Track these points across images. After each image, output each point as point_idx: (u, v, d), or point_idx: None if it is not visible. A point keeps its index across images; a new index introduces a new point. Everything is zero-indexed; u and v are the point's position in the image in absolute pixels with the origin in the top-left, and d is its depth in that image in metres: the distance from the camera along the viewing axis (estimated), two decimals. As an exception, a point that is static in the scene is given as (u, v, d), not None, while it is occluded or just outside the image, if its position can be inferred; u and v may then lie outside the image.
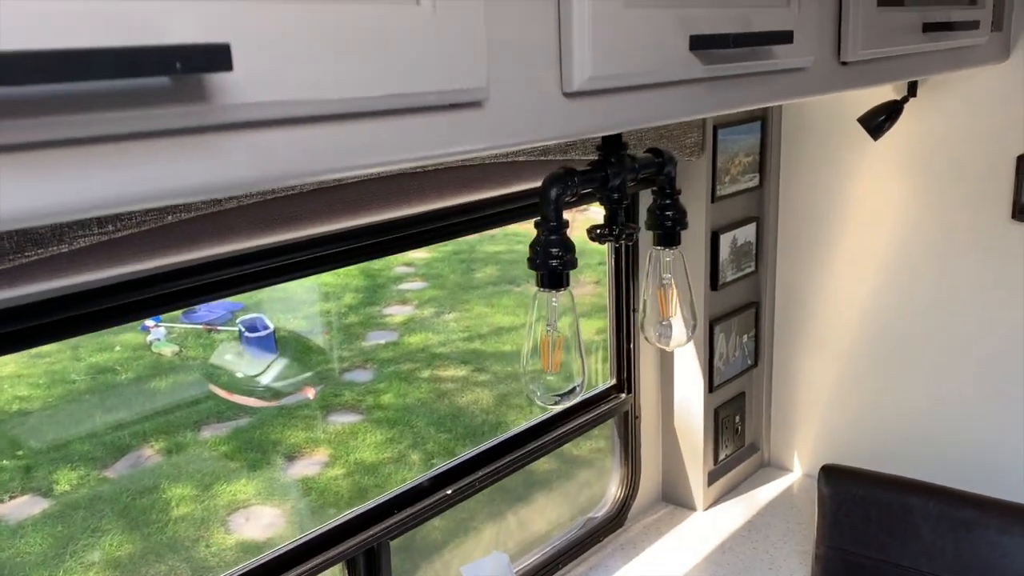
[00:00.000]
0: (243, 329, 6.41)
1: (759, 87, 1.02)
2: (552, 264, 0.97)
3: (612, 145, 1.07)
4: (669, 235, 1.17)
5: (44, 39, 0.41)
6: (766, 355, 2.34)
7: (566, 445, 2.01)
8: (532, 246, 0.98)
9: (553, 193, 0.98)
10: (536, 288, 0.99)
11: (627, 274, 2.03)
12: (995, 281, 1.91)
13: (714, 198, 2.04)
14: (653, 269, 1.20)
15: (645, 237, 1.52)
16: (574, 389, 1.01)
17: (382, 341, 6.95)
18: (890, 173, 2.03)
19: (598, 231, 1.09)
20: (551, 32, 0.75)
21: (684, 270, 1.20)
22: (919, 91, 1.93)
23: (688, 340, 1.21)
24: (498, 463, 1.76)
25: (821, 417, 2.29)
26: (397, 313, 7.33)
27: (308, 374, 6.22)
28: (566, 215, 1.00)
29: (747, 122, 2.10)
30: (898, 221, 2.03)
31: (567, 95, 0.77)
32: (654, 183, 1.19)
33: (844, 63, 1.21)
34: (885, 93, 1.96)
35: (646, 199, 1.99)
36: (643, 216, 1.26)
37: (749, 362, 2.30)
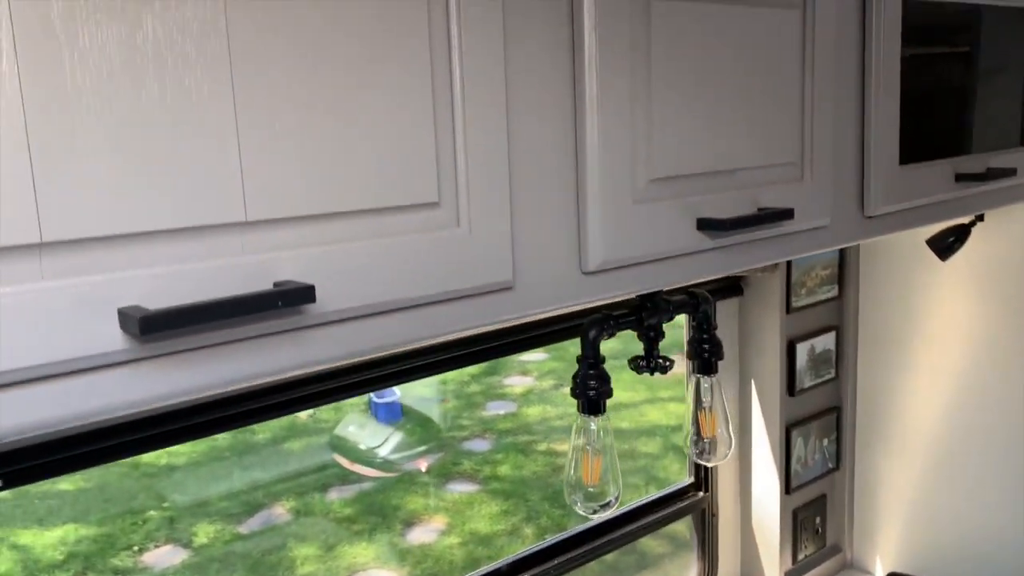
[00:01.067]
0: (372, 395, 6.81)
1: (774, 247, 1.20)
2: (590, 394, 1.17)
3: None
4: (706, 364, 1.35)
5: (195, 293, 0.67)
6: (848, 458, 2.41)
7: (645, 537, 2.16)
8: (573, 378, 1.18)
9: (592, 334, 1.19)
10: (578, 413, 1.19)
11: (704, 378, 2.18)
12: (1070, 401, 1.95)
13: (789, 309, 2.18)
14: (694, 393, 1.38)
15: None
16: (609, 502, 1.19)
17: (501, 412, 7.16)
18: (962, 292, 2.11)
19: (638, 362, 1.28)
20: (571, 229, 0.97)
21: (721, 395, 1.37)
22: (987, 215, 2.02)
23: (726, 457, 1.37)
24: (575, 552, 1.93)
25: (905, 520, 2.33)
26: (517, 384, 7.56)
27: (424, 447, 6.51)
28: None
29: (824, 238, 2.24)
30: (972, 337, 2.10)
31: (585, 273, 0.99)
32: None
33: (869, 217, 1.37)
34: (957, 215, 2.06)
35: (728, 308, 2.15)
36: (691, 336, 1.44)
37: (830, 465, 2.38)
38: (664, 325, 1.29)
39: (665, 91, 1.02)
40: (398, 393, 7.01)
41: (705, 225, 1.06)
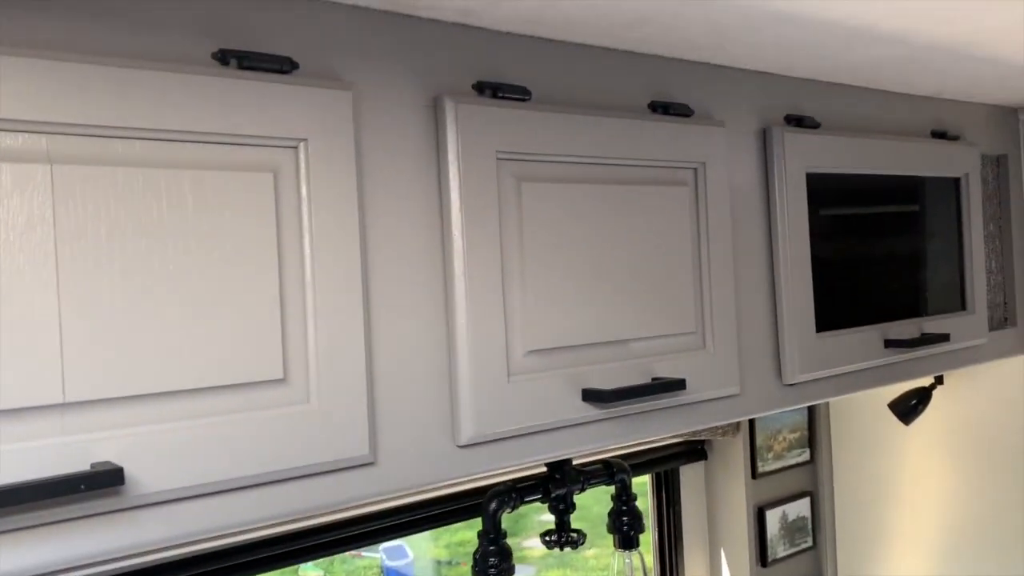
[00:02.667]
0: (384, 556, 6.59)
1: (678, 417, 1.19)
2: (490, 572, 1.13)
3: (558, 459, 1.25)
4: (627, 539, 1.30)
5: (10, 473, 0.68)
6: (833, 636, 2.27)
7: None
8: (473, 555, 1.15)
9: (492, 507, 1.16)
10: (480, 590, 1.15)
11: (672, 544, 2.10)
12: (1052, 575, 1.84)
13: (755, 474, 2.12)
14: (618, 567, 1.33)
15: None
16: None
17: (520, 576, 6.86)
18: (933, 457, 2.04)
19: (548, 537, 1.24)
20: (443, 403, 0.97)
21: (643, 569, 1.31)
22: (947, 378, 1.99)
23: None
24: None
25: None
26: (536, 547, 7.28)
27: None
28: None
29: (790, 400, 2.21)
30: (947, 511, 2.02)
31: (460, 447, 0.98)
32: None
33: (789, 384, 1.35)
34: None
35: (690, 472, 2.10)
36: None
37: (815, 641, 2.24)
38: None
39: (541, 267, 1.04)
40: (410, 555, 6.79)
41: (590, 396, 1.06)
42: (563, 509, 1.24)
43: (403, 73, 0.96)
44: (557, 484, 1.24)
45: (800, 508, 2.23)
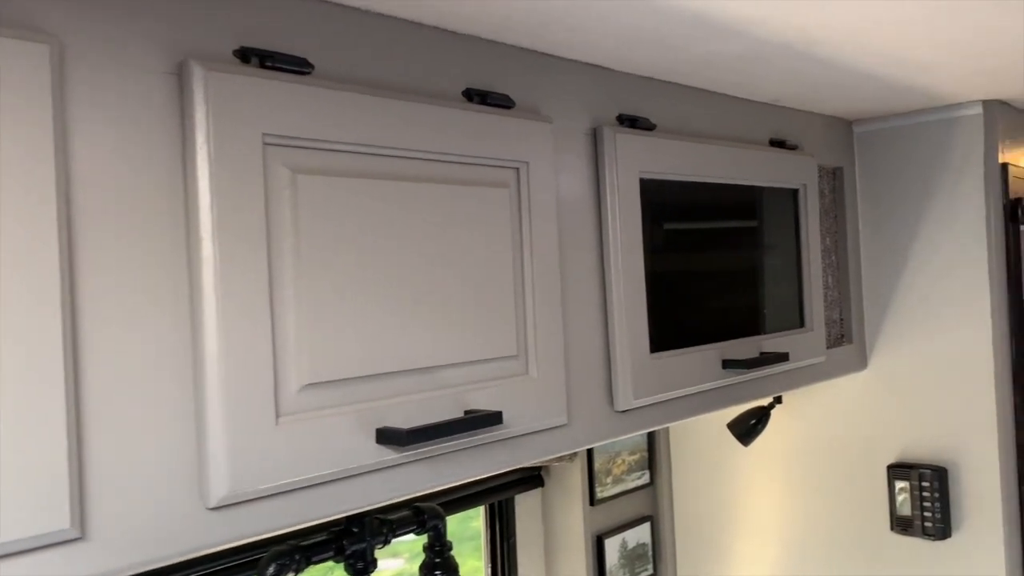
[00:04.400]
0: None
1: (497, 454, 1.02)
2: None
3: (358, 509, 1.05)
4: (441, 597, 1.12)
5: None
6: (673, 666, 2.17)
7: None
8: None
9: (271, 572, 0.95)
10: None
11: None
12: (885, 596, 1.80)
13: (594, 500, 1.99)
14: (431, 628, 1.14)
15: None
16: None
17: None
18: (772, 477, 1.99)
19: (345, 601, 1.05)
20: (189, 456, 0.76)
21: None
22: (785, 397, 1.93)
23: None
24: None
25: None
26: (385, 568, 7.00)
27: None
28: None
29: (630, 420, 2.10)
30: (787, 530, 1.96)
31: (211, 510, 0.77)
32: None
33: (622, 411, 1.22)
34: (757, 396, 1.97)
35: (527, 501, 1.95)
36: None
37: (655, 674, 2.13)
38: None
39: (325, 281, 0.85)
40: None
41: (386, 437, 0.87)
42: (362, 568, 1.04)
43: (140, 33, 0.75)
44: (354, 539, 1.05)
45: (640, 534, 2.13)
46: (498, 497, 1.91)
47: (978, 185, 1.67)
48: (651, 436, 2.15)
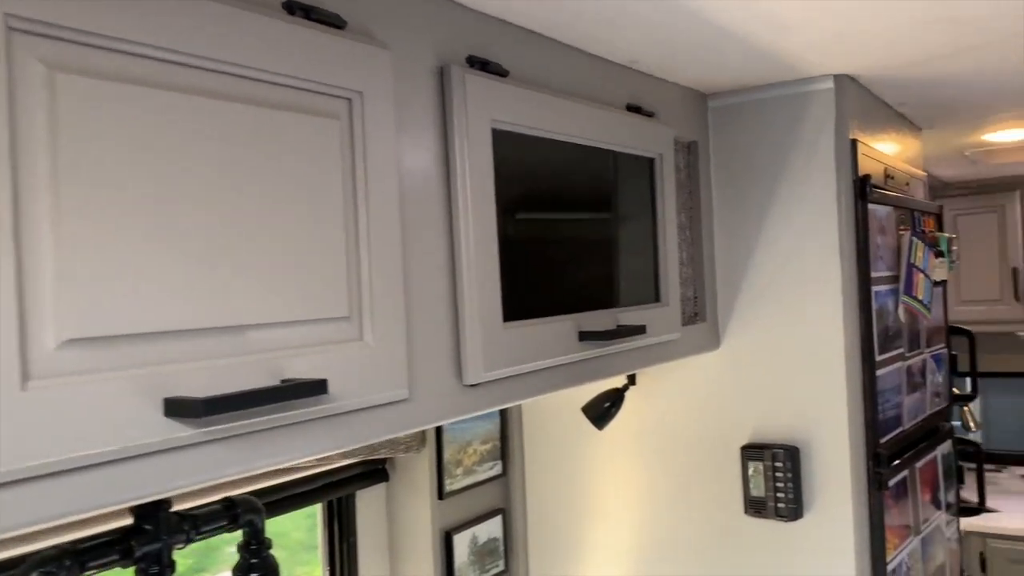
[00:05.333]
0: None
1: (317, 434, 0.87)
2: None
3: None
4: (258, 604, 0.95)
5: None
6: (526, 665, 2.07)
7: None
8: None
9: (32, 583, 0.76)
10: None
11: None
12: (734, 573, 1.77)
13: (442, 494, 1.86)
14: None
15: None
16: None
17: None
18: (627, 463, 1.92)
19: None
20: None
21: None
22: (638, 378, 1.87)
23: None
24: None
25: None
26: (222, 580, 6.58)
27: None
28: None
29: (481, 408, 1.98)
30: (641, 517, 1.90)
31: (-76, 501, 0.58)
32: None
33: (471, 385, 1.09)
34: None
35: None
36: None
37: (506, 675, 2.02)
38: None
39: (96, 210, 0.67)
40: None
41: (177, 408, 0.70)
42: (157, 573, 0.86)
43: None
44: (146, 538, 0.86)
45: (491, 528, 2.01)
46: (337, 493, 1.74)
47: (829, 161, 1.66)
48: (504, 424, 2.04)
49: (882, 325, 1.77)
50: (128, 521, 0.87)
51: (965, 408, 3.27)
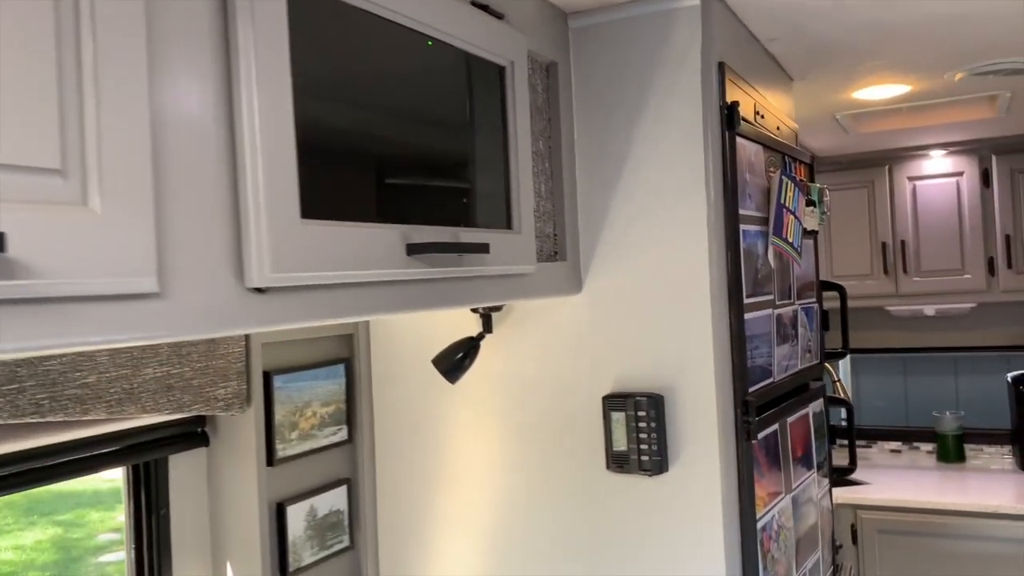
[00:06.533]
0: None
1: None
2: None
3: None
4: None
5: None
6: (374, 652, 1.87)
7: None
8: None
9: None
10: None
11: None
12: (596, 535, 1.62)
13: (273, 460, 1.64)
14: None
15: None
16: None
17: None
18: (483, 423, 1.74)
19: None
20: None
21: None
22: (495, 327, 1.70)
23: None
24: None
25: None
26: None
27: None
28: None
29: (323, 365, 1.77)
30: (499, 480, 1.72)
31: None
32: None
33: (258, 290, 0.89)
34: (466, 328, 1.72)
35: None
36: None
37: (352, 664, 1.81)
38: None
39: None
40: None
41: None
42: None
43: None
44: None
45: (334, 500, 1.80)
46: (145, 457, 1.50)
47: (695, 85, 1.53)
48: (350, 384, 1.83)
49: (751, 268, 1.66)
50: None
51: (836, 381, 3.27)
